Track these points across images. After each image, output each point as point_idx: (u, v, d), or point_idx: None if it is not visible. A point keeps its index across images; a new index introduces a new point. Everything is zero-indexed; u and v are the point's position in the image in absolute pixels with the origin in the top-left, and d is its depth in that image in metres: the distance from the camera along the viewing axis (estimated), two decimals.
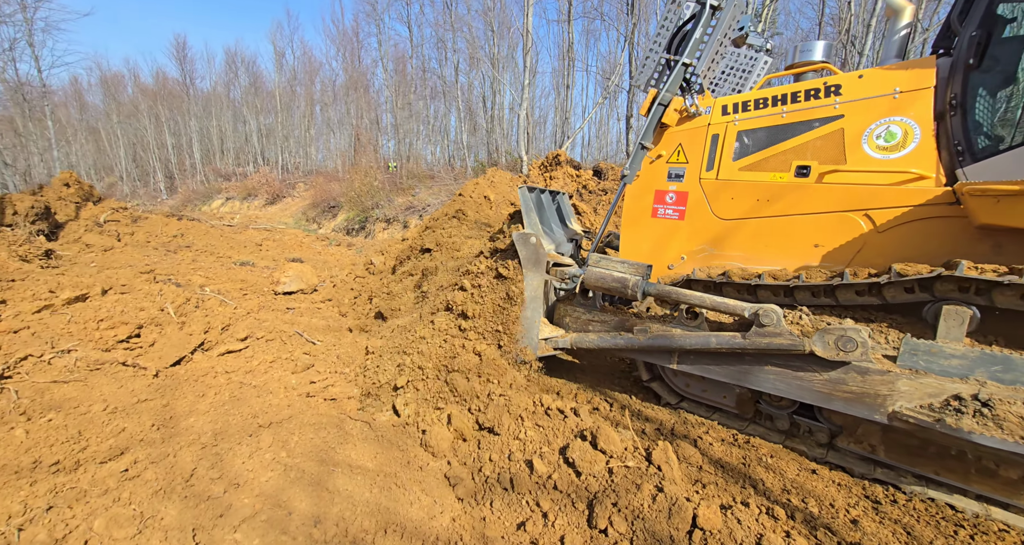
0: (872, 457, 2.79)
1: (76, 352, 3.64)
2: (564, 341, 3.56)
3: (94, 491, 2.47)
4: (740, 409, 3.27)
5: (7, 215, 8.52)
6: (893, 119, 2.95)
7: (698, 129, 3.62)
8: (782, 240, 3.31)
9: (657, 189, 3.80)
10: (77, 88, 38.64)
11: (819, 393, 2.69)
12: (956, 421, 2.22)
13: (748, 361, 2.91)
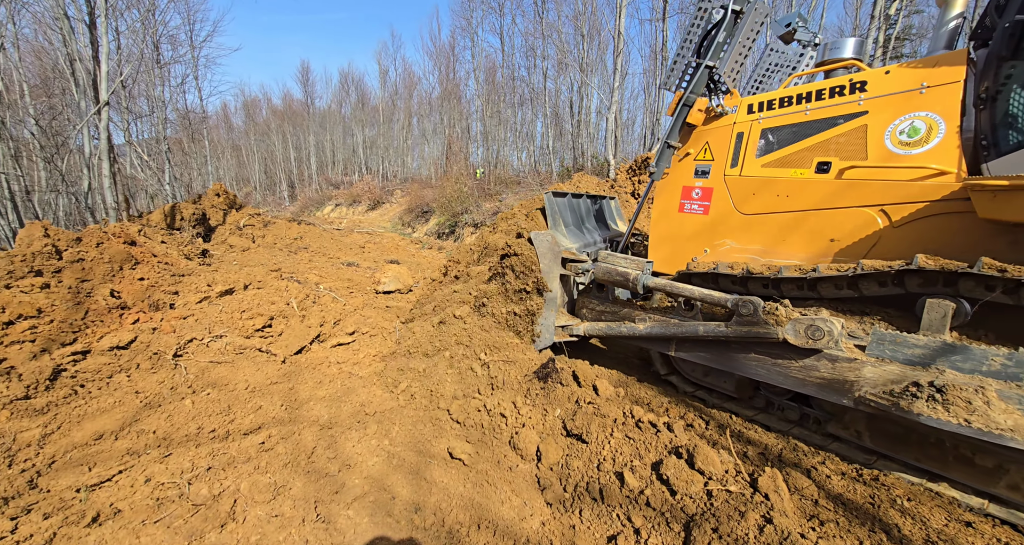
0: (859, 443, 2.90)
1: (226, 338, 4.31)
2: (579, 329, 3.96)
3: (240, 458, 2.92)
4: (739, 393, 3.54)
5: (176, 220, 10.34)
6: (918, 114, 2.94)
7: (724, 128, 3.75)
8: (799, 235, 3.38)
9: (684, 185, 3.96)
10: (225, 112, 45.82)
11: (795, 378, 2.88)
12: (909, 404, 2.36)
13: (734, 348, 3.16)
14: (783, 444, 2.91)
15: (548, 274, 4.03)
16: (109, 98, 9.80)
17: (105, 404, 3.31)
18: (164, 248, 7.18)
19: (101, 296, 4.21)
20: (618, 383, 3.82)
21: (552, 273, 4.01)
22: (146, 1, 16.11)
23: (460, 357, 3.93)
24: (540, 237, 4.08)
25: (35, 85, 15.82)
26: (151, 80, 18.26)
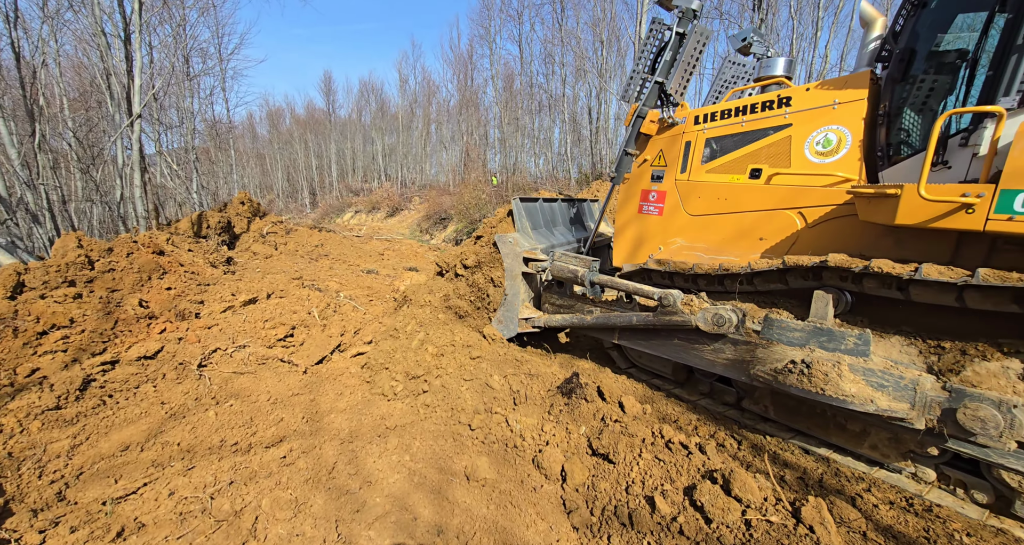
0: (750, 406, 3.43)
1: (249, 348, 4.35)
2: (540, 321, 4.49)
3: (262, 473, 2.91)
4: (675, 376, 4.02)
5: (203, 228, 10.60)
6: (831, 127, 3.35)
7: (675, 136, 4.17)
8: (735, 234, 3.78)
9: (643, 188, 4.39)
10: (251, 122, 47.17)
11: (707, 360, 3.36)
12: (785, 378, 2.83)
13: (662, 336, 3.64)
14: (823, 468, 2.75)
15: (511, 272, 4.53)
16: (142, 110, 10.15)
17: (132, 415, 3.34)
18: (191, 257, 7.34)
19: (130, 306, 4.29)
20: (644, 399, 3.70)
21: (514, 271, 4.52)
22: (177, 16, 16.72)
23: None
24: (503, 239, 4.60)
25: (74, 99, 16.54)
26: (181, 92, 18.90)
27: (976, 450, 2.44)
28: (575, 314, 4.27)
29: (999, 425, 2.26)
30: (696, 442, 2.66)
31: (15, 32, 10.85)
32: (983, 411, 2.31)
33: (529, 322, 4.51)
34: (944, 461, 2.67)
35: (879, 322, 2.97)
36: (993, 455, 2.40)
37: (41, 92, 12.69)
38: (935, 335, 2.77)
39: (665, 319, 3.48)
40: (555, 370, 3.74)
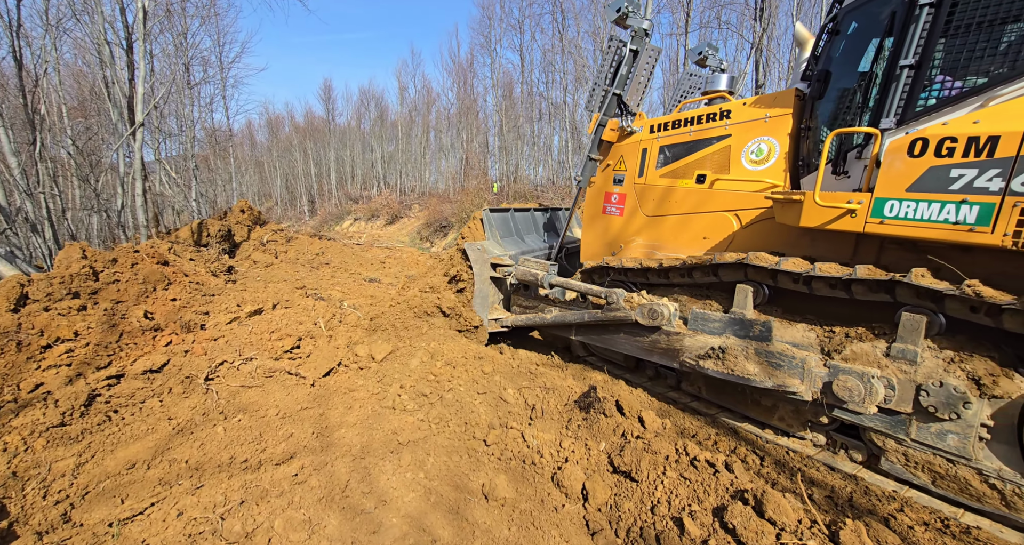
0: (689, 389, 3.99)
1: (256, 360, 4.27)
2: (508, 321, 4.90)
3: (273, 491, 2.82)
4: (626, 363, 4.57)
5: (203, 237, 10.52)
6: (763, 138, 3.74)
7: (633, 144, 4.56)
8: (684, 233, 4.15)
9: (606, 191, 4.77)
10: (250, 129, 47.20)
11: (646, 350, 3.87)
12: (704, 362, 3.39)
13: (611, 330, 4.09)
14: (851, 486, 2.69)
15: (480, 277, 4.96)
16: (144, 119, 10.12)
17: (138, 431, 3.26)
18: (193, 266, 7.26)
19: (135, 318, 4.21)
20: (661, 412, 3.64)
21: (483, 276, 4.94)
22: (179, 25, 16.76)
23: None
24: (471, 247, 5.02)
25: (73, 107, 16.50)
26: (181, 100, 18.90)
27: (852, 416, 2.96)
28: (537, 314, 4.76)
29: (861, 393, 2.82)
30: (723, 460, 2.60)
31: (17, 40, 10.84)
32: (850, 382, 2.86)
33: (498, 322, 4.96)
34: (833, 428, 3.23)
35: (790, 311, 3.42)
36: (865, 420, 2.92)
37: (42, 100, 12.65)
38: (830, 322, 3.21)
39: (611, 315, 3.97)
40: (570, 383, 3.68)
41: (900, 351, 2.79)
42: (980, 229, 2.44)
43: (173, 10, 14.63)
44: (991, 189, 2.41)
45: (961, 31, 2.74)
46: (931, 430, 2.71)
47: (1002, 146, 2.38)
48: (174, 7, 14.90)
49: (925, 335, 2.75)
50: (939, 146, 2.58)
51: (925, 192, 2.61)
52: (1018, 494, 2.45)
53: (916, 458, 2.79)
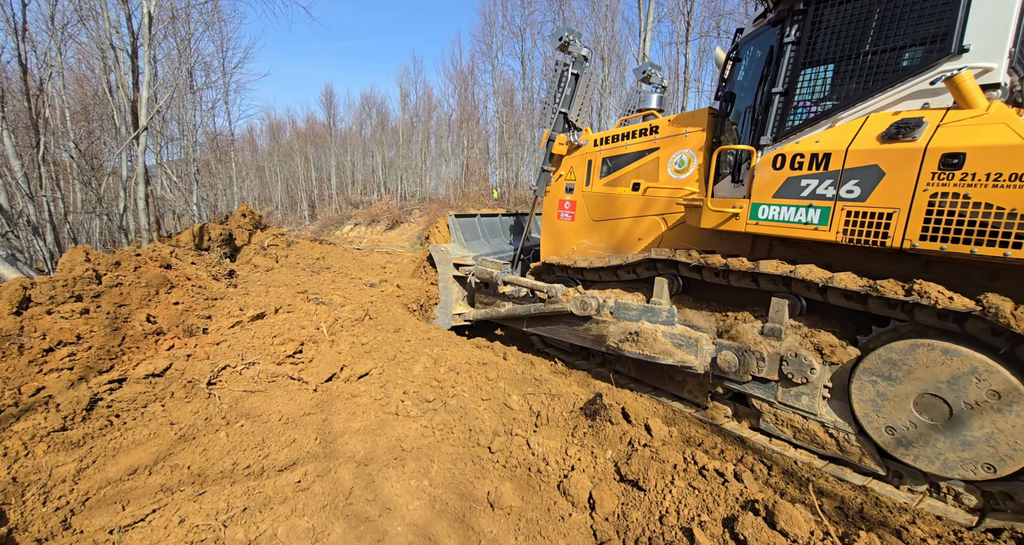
0: (623, 370, 4.66)
1: (259, 365, 4.24)
2: (469, 315, 5.52)
3: (276, 498, 2.79)
4: (574, 350, 5.22)
5: (204, 241, 10.51)
6: (684, 151, 4.26)
7: (581, 156, 5.07)
8: (623, 235, 4.66)
9: (560, 199, 5.30)
10: (251, 134, 47.36)
11: (581, 337, 4.44)
12: (624, 345, 3.99)
13: (554, 321, 4.70)
14: (862, 497, 2.66)
15: (444, 276, 5.61)
16: (148, 123, 10.15)
17: (140, 436, 3.22)
18: (195, 269, 7.24)
19: (138, 321, 4.19)
20: (667, 420, 3.61)
21: (447, 275, 5.58)
22: (183, 30, 16.87)
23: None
24: (435, 249, 5.73)
25: (76, 111, 16.55)
26: (184, 105, 18.98)
27: (738, 385, 3.60)
28: (495, 308, 5.36)
29: (736, 364, 3.49)
30: (731, 469, 2.57)
31: (22, 45, 10.89)
32: (728, 356, 3.52)
33: (461, 317, 5.54)
34: (730, 397, 3.87)
35: (699, 299, 4.05)
36: (746, 388, 3.56)
37: (45, 104, 12.68)
38: (725, 307, 3.82)
39: (552, 307, 4.57)
40: (576, 390, 3.66)
41: (770, 329, 3.41)
42: (822, 228, 3.04)
43: (178, 15, 14.73)
44: (827, 195, 3.02)
45: (814, 65, 3.31)
46: (791, 393, 3.35)
47: (833, 161, 2.98)
48: (179, 13, 15.01)
49: (789, 315, 3.37)
50: (792, 161, 3.17)
51: (785, 198, 3.22)
52: (848, 441, 3.10)
53: (782, 417, 3.44)
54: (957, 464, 2.63)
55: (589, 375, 4.70)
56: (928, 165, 2.66)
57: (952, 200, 2.58)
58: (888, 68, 3.04)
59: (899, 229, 2.75)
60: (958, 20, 2.76)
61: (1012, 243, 2.40)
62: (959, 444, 2.63)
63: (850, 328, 3.23)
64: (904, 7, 2.93)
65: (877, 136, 2.88)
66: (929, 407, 2.74)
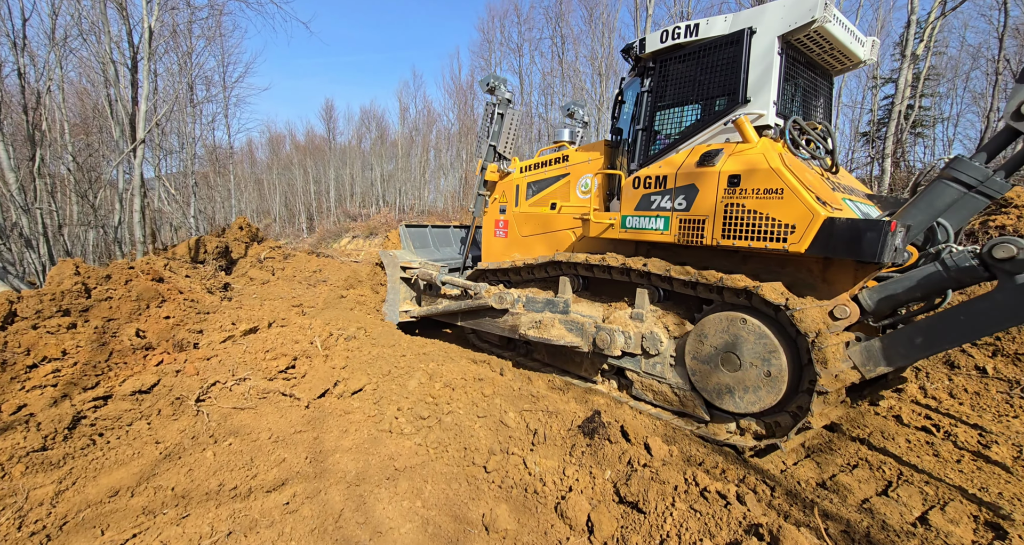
0: (538, 358, 5.44)
1: (250, 381, 4.14)
2: (415, 312, 6.41)
3: (263, 522, 2.68)
4: (502, 343, 6.02)
5: (200, 253, 10.44)
6: (588, 176, 4.98)
7: (511, 181, 5.88)
8: (545, 247, 5.43)
9: (496, 219, 6.07)
10: (251, 147, 47.62)
11: (501, 328, 5.22)
12: (529, 332, 4.83)
13: (480, 314, 5.47)
14: (868, 520, 2.58)
15: (392, 278, 6.45)
16: (145, 136, 10.16)
17: (123, 455, 3.12)
18: (188, 283, 7.16)
19: (127, 336, 4.10)
20: (667, 438, 3.53)
21: (394, 277, 6.41)
22: (184, 45, 17.06)
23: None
24: (385, 253, 6.64)
25: (75, 124, 16.61)
26: (183, 118, 19.09)
27: (617, 361, 4.44)
28: (435, 305, 6.19)
29: (609, 342, 4.24)
30: (734, 491, 2.49)
31: (21, 58, 10.96)
32: (602, 335, 4.30)
33: (407, 313, 6.42)
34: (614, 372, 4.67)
35: (594, 293, 4.92)
36: (621, 362, 4.41)
37: (44, 117, 12.72)
38: (610, 299, 4.69)
39: (477, 302, 5.32)
40: (573, 407, 3.57)
41: (636, 314, 4.30)
42: (665, 233, 3.97)
43: (179, 31, 14.90)
44: (666, 207, 3.97)
45: (663, 108, 4.33)
46: (650, 363, 4.21)
47: (668, 181, 3.97)
48: (180, 28, 15.19)
49: (649, 302, 4.25)
50: (645, 181, 4.14)
51: (641, 211, 4.15)
52: (686, 397, 3.96)
53: (645, 383, 4.28)
54: (747, 402, 3.52)
55: (586, 392, 4.61)
56: (721, 184, 3.60)
57: (736, 209, 3.52)
58: (707, 112, 4.06)
59: (709, 231, 3.69)
60: (741, 79, 3.76)
61: (774, 238, 3.32)
62: (746, 387, 3.52)
63: (691, 310, 4.07)
64: (713, 69, 3.95)
65: (695, 163, 3.82)
66: (727, 361, 3.62)
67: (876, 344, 3.16)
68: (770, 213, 3.32)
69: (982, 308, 2.86)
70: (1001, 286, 2.84)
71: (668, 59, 4.22)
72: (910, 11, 10.06)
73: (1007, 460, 3.43)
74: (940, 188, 3.18)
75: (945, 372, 4.99)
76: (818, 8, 3.41)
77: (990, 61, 15.81)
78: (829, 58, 4.13)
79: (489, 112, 6.08)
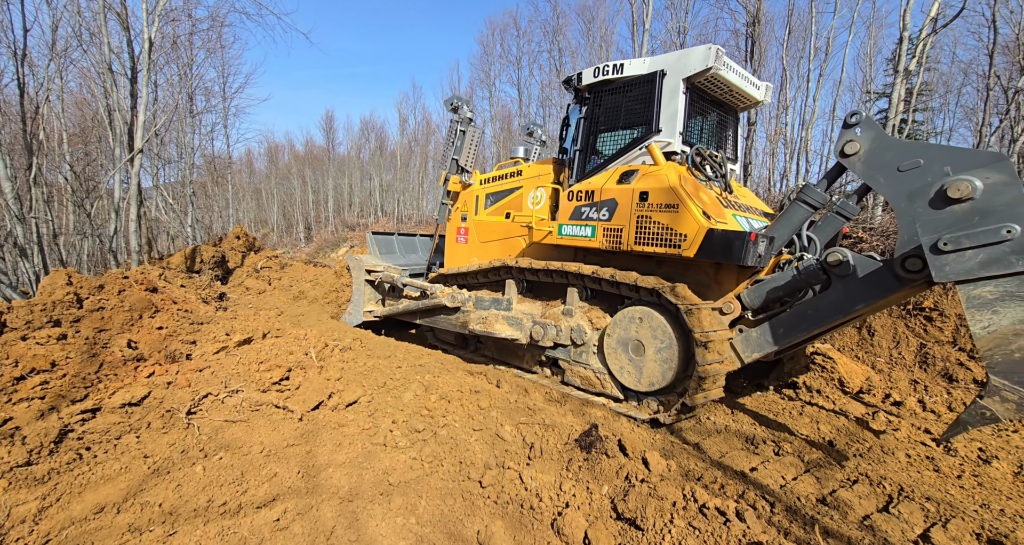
0: (488, 354, 6.07)
1: (242, 393, 4.08)
2: (378, 312, 6.89)
3: (252, 539, 2.61)
4: (456, 342, 6.58)
5: (196, 263, 10.38)
6: (539, 189, 5.50)
7: (471, 192, 6.42)
8: (499, 253, 5.86)
9: (457, 227, 6.57)
10: (249, 157, 47.77)
11: (454, 324, 5.85)
12: (476, 326, 5.49)
13: (436, 313, 6.06)
14: (869, 538, 2.53)
15: (357, 280, 7.00)
16: (143, 146, 10.17)
17: (110, 470, 3.05)
18: (183, 292, 7.10)
19: (118, 347, 4.04)
20: (665, 452, 3.48)
21: (359, 279, 6.97)
22: (185, 56, 17.19)
23: None
24: (351, 258, 7.19)
25: (73, 133, 16.64)
26: (183, 128, 19.16)
27: (551, 352, 5.04)
28: (396, 306, 6.69)
29: (542, 335, 4.87)
30: (733, 507, 2.45)
31: (22, 69, 11.01)
32: (537, 329, 4.93)
33: (371, 313, 6.89)
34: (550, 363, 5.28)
35: (536, 294, 5.42)
36: (555, 353, 5.02)
37: (42, 127, 12.74)
38: (548, 298, 5.24)
39: (433, 302, 5.89)
40: (570, 420, 3.53)
41: (566, 310, 4.86)
42: (593, 240, 4.58)
43: (180, 42, 15.02)
44: (593, 218, 4.60)
45: (596, 133, 5.01)
46: (578, 352, 4.81)
47: (595, 196, 4.62)
48: (181, 39, 15.33)
49: (579, 299, 4.83)
50: (577, 195, 4.80)
51: (575, 220, 4.77)
52: (604, 380, 4.60)
53: (574, 370, 4.87)
54: (647, 382, 4.19)
55: (583, 404, 4.56)
56: (635, 199, 4.27)
57: (645, 220, 4.20)
58: (629, 138, 4.74)
59: (626, 238, 4.33)
60: (654, 112, 4.48)
61: (670, 244, 4.01)
62: (648, 371, 4.18)
63: (612, 306, 4.64)
64: (632, 102, 4.66)
65: (616, 180, 4.54)
66: (635, 348, 4.27)
67: (752, 334, 3.92)
68: (669, 224, 4.03)
69: (822, 304, 3.55)
70: (834, 286, 3.51)
71: (600, 91, 4.93)
72: (902, 28, 10.26)
73: (1008, 476, 3.40)
74: (795, 208, 3.90)
75: (944, 386, 4.97)
76: (711, 58, 4.23)
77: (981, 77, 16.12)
78: (729, 97, 4.95)
79: (453, 129, 6.62)
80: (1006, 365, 2.72)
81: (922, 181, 3.09)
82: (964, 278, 2.85)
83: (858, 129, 3.45)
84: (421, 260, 7.79)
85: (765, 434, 4.05)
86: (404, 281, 6.46)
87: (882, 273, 3.30)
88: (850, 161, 3.51)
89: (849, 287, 3.41)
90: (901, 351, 6.09)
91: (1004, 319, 2.73)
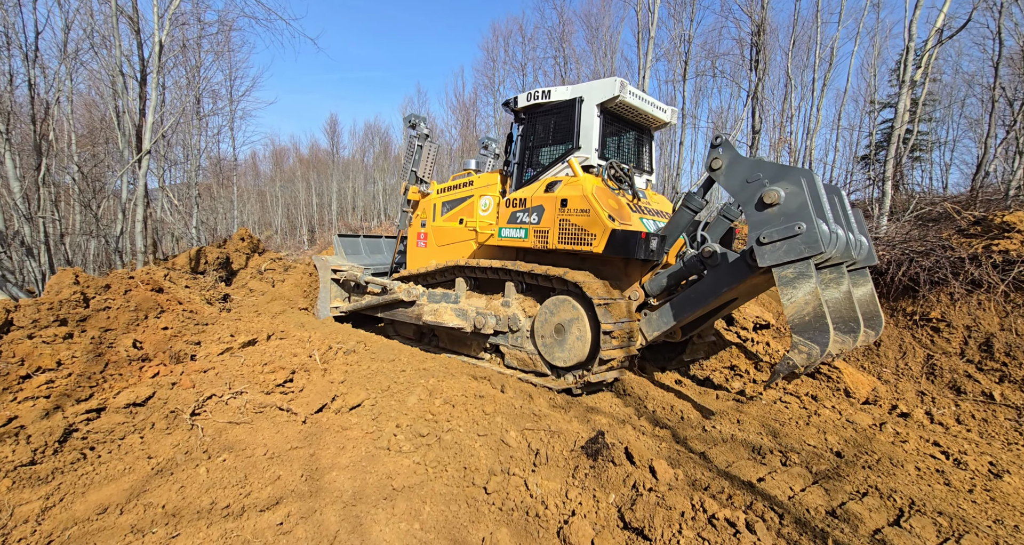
0: (442, 346, 6.55)
1: (246, 394, 4.07)
2: (344, 308, 7.41)
3: (255, 543, 2.59)
4: (415, 336, 7.03)
5: (201, 264, 10.41)
6: (488, 197, 6.05)
7: (429, 200, 6.94)
8: (456, 253, 6.34)
9: (418, 232, 7.09)
10: (254, 160, 48.10)
11: (410, 317, 6.28)
12: (428, 317, 5.89)
13: (395, 307, 6.56)
14: None
15: (323, 279, 7.57)
16: (151, 147, 10.25)
17: (114, 471, 3.03)
18: (188, 293, 7.11)
19: (123, 347, 4.04)
20: (672, 461, 3.44)
21: (325, 279, 7.52)
22: (193, 59, 17.37)
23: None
24: (317, 258, 7.81)
25: (82, 135, 16.78)
26: (189, 130, 19.30)
27: (494, 339, 5.60)
28: (359, 302, 7.18)
29: (484, 323, 5.37)
30: (743, 518, 2.41)
31: (33, 70, 11.13)
32: (479, 318, 5.42)
33: (337, 309, 7.45)
34: (493, 350, 5.81)
35: (483, 289, 5.90)
36: (496, 339, 5.58)
37: (52, 128, 12.85)
38: (492, 292, 5.76)
39: (391, 297, 6.42)
40: (576, 427, 3.50)
41: (505, 302, 5.43)
42: (526, 241, 5.23)
43: (189, 45, 15.18)
44: (526, 222, 5.26)
45: (531, 149, 5.74)
46: (514, 337, 5.38)
47: (527, 203, 5.28)
48: (190, 43, 15.49)
49: (516, 292, 5.41)
50: (514, 202, 5.44)
51: (512, 224, 5.40)
52: (536, 360, 5.17)
53: (512, 354, 5.42)
54: (568, 359, 4.80)
55: (587, 410, 4.53)
56: (557, 205, 4.92)
57: (565, 223, 4.84)
58: (555, 153, 5.47)
59: (551, 238, 4.97)
60: (575, 132, 5.22)
61: (585, 243, 4.67)
62: (568, 349, 4.80)
63: (543, 297, 5.22)
64: (557, 123, 5.47)
65: (543, 190, 5.19)
66: (558, 331, 4.88)
67: (653, 316, 4.69)
68: (583, 226, 4.70)
69: (700, 288, 4.33)
70: (708, 273, 4.32)
71: (533, 113, 5.70)
72: (907, 38, 10.29)
73: (1020, 491, 3.35)
74: (681, 212, 4.61)
75: (951, 397, 4.92)
76: (616, 88, 5.05)
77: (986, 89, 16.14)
78: (640, 119, 5.79)
79: (412, 144, 7.30)
80: (801, 325, 3.58)
81: (755, 190, 3.88)
82: (776, 263, 3.71)
83: (720, 149, 4.23)
84: (386, 260, 8.42)
85: (771, 443, 4.01)
86: (366, 279, 7.06)
87: (739, 263, 4.10)
88: (716, 174, 4.24)
89: (718, 273, 4.23)
90: (908, 362, 6.04)
91: (799, 291, 3.63)
